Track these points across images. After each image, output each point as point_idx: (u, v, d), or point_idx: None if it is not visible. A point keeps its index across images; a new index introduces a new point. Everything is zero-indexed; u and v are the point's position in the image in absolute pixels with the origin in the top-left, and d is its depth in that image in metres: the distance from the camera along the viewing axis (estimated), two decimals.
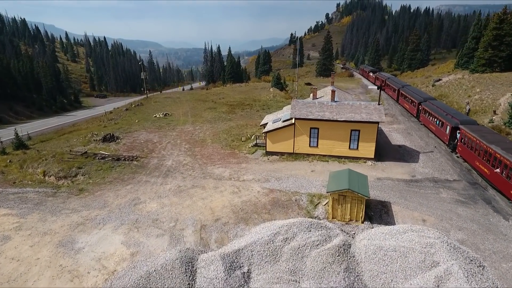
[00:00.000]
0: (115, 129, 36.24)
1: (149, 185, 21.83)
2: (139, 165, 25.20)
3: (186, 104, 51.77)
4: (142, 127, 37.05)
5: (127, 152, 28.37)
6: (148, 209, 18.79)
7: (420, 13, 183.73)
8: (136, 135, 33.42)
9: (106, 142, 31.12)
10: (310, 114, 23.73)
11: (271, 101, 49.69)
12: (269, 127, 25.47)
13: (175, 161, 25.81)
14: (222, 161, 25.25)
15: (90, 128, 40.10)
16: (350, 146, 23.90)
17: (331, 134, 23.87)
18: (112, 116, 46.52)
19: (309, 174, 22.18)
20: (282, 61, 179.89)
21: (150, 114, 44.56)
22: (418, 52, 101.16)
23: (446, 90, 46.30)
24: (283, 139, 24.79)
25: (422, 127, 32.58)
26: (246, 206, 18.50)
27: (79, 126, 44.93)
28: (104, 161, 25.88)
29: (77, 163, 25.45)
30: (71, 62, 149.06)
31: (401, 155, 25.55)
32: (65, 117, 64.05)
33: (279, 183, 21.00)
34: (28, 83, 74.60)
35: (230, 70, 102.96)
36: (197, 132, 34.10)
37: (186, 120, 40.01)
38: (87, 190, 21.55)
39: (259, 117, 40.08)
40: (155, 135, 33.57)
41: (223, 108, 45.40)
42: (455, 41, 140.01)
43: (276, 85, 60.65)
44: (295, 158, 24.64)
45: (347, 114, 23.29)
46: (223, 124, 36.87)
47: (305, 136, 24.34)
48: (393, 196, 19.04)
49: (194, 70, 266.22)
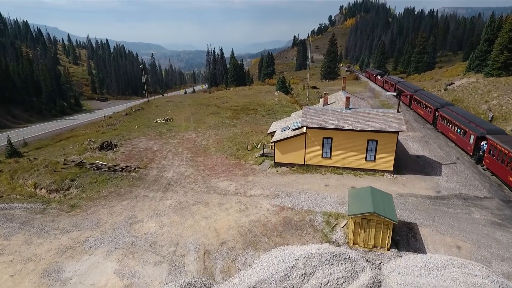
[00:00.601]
0: (113, 136, 34.44)
1: (148, 200, 19.93)
2: (137, 177, 23.31)
3: (188, 108, 49.97)
4: (142, 134, 35.23)
5: (125, 162, 26.51)
6: (145, 229, 16.87)
7: (424, 15, 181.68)
8: (135, 143, 31.59)
9: (103, 150, 29.30)
10: (323, 122, 21.78)
11: (277, 106, 47.79)
12: (277, 136, 23.54)
13: (176, 173, 23.91)
14: (227, 173, 23.31)
15: (88, 134, 38.35)
16: (367, 157, 21.91)
17: (346, 145, 21.91)
18: (111, 121, 44.78)
19: (323, 189, 20.19)
20: (285, 64, 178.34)
21: (150, 119, 42.76)
22: (425, 54, 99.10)
23: (460, 94, 44.20)
24: (293, 149, 22.85)
25: (440, 135, 30.52)
26: (254, 227, 16.53)
27: (77, 131, 43.22)
28: (99, 172, 24.02)
29: (71, 175, 23.61)
30: (72, 65, 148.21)
31: (421, 167, 23.51)
32: (64, 121, 62.48)
33: (290, 200, 19.02)
34: (28, 86, 73.19)
35: (233, 73, 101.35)
36: (199, 140, 32.23)
37: (188, 126, 38.16)
38: (79, 206, 19.66)
39: (265, 123, 38.18)
40: (155, 142, 31.73)
41: (227, 113, 43.54)
42: (461, 44, 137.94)
43: (281, 89, 58.78)
44: (307, 170, 22.67)
45: (363, 123, 21.32)
46: (227, 131, 34.98)
47: (317, 147, 22.39)
48: (419, 216, 17.01)
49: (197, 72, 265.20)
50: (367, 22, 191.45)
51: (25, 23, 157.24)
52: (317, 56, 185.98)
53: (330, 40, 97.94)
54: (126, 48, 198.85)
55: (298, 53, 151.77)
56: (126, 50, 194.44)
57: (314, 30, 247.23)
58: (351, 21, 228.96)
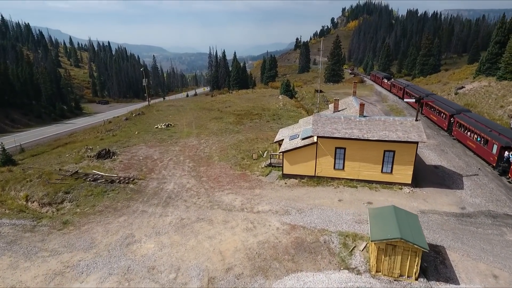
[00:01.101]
0: (112, 143, 33.00)
1: (146, 216, 18.38)
2: (135, 190, 21.79)
3: (190, 113, 48.53)
4: (142, 140, 33.76)
5: (123, 172, 25.01)
6: (143, 251, 15.32)
7: (427, 18, 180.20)
8: (135, 150, 30.09)
9: (100, 158, 27.82)
10: (336, 131, 20.20)
11: (281, 110, 46.27)
12: (286, 146, 21.98)
13: (177, 184, 22.36)
14: (231, 185, 21.75)
15: (86, 140, 36.94)
16: (383, 169, 20.30)
17: (360, 155, 20.31)
18: (110, 126, 43.37)
19: (337, 205, 18.58)
20: (287, 66, 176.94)
21: (151, 124, 41.31)
22: (431, 57, 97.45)
23: (472, 99, 42.52)
24: (303, 160, 21.27)
25: (456, 143, 28.85)
26: (263, 250, 14.94)
27: (75, 137, 41.86)
28: (96, 183, 22.51)
29: (65, 186, 22.11)
30: (74, 67, 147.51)
31: (441, 178, 21.86)
32: (63, 125, 61.21)
33: (301, 217, 17.42)
34: (27, 89, 72.10)
35: (236, 76, 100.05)
36: (202, 147, 30.71)
37: (190, 132, 36.67)
38: (72, 223, 18.14)
39: (270, 129, 36.65)
40: (156, 150, 30.23)
41: (230, 118, 42.03)
42: (465, 46, 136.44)
43: (286, 93, 57.28)
44: (318, 183, 21.08)
45: (379, 132, 19.73)
46: (230, 137, 33.46)
47: (329, 157, 20.81)
48: (446, 237, 15.36)
49: (198, 75, 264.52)
50: (370, 24, 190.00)
51: (26, 25, 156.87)
52: (320, 59, 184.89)
53: (334, 42, 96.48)
54: (128, 51, 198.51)
55: (301, 56, 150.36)
56: (128, 52, 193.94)
57: (316, 32, 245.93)
58: (354, 23, 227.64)
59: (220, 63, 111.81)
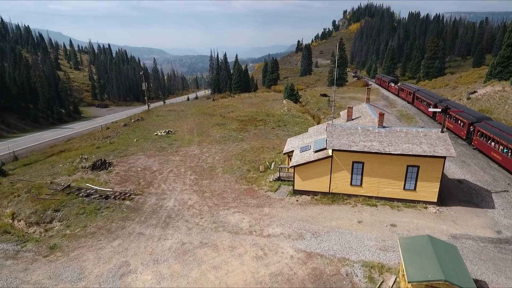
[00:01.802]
0: (109, 151, 31.11)
1: (143, 240, 16.43)
2: (132, 207, 19.85)
3: (192, 118, 46.67)
4: (140, 149, 31.86)
5: (119, 186, 23.09)
6: (139, 284, 13.37)
7: (429, 20, 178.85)
8: (133, 161, 28.18)
9: (96, 170, 25.91)
10: (353, 144, 18.29)
11: (287, 116, 44.38)
12: (297, 159, 20.06)
13: (178, 201, 20.43)
14: (237, 202, 19.80)
15: (81, 148, 35.05)
16: (406, 186, 18.36)
17: (381, 170, 18.38)
18: (108, 132, 41.49)
19: (356, 227, 16.62)
20: (289, 69, 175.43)
21: (150, 131, 39.44)
22: (436, 60, 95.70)
23: (487, 104, 40.60)
24: (316, 175, 19.35)
25: (477, 154, 26.91)
26: (277, 284, 12.98)
27: (71, 144, 39.98)
28: (89, 200, 20.59)
29: (55, 203, 20.19)
30: (74, 70, 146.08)
31: (467, 195, 19.90)
32: (61, 130, 59.44)
33: (318, 242, 15.46)
34: (25, 93, 70.38)
35: (238, 79, 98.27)
36: (204, 157, 28.79)
37: (192, 140, 34.78)
38: (60, 247, 16.19)
39: (276, 136, 34.75)
40: (155, 160, 28.32)
41: (233, 125, 40.14)
42: (469, 49, 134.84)
43: (290, 97, 55.44)
44: (333, 200, 19.13)
45: (402, 146, 17.81)
46: (234, 146, 31.55)
47: (345, 172, 18.88)
48: (487, 270, 13.39)
49: (199, 77, 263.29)
50: (372, 26, 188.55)
51: (26, 27, 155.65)
52: (322, 61, 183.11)
53: (338, 45, 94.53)
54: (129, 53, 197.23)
55: (302, 58, 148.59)
56: (128, 55, 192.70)
57: (318, 35, 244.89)
58: (356, 26, 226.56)
59: (221, 66, 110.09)
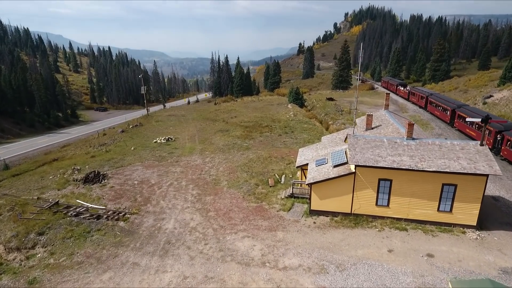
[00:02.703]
0: (104, 161, 28.79)
1: (138, 272, 14.05)
2: (126, 229, 17.48)
3: (193, 124, 44.35)
4: (138, 158, 29.52)
5: (113, 202, 20.74)
6: None
7: (432, 23, 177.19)
8: (129, 172, 25.82)
9: (88, 183, 23.57)
10: (380, 159, 15.95)
11: (293, 122, 42.06)
12: (314, 175, 17.69)
13: (178, 222, 18.06)
14: (247, 225, 17.42)
15: (75, 157, 32.73)
16: (440, 207, 16.00)
17: (411, 189, 16.03)
18: (105, 139, 39.18)
19: (387, 257, 14.23)
20: (291, 72, 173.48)
21: (149, 138, 37.12)
22: (443, 62, 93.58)
23: (506, 110, 38.29)
24: (336, 193, 17.00)
25: (507, 165, 24.56)
26: None
27: (65, 151, 37.66)
28: (78, 220, 18.22)
29: (40, 224, 17.83)
30: (73, 73, 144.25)
31: (508, 216, 17.51)
32: (57, 135, 57.18)
33: (344, 278, 13.08)
34: (21, 96, 68.24)
35: (239, 82, 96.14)
36: (207, 168, 26.43)
37: (193, 148, 32.45)
38: (41, 282, 13.81)
39: (283, 144, 32.41)
40: (154, 171, 25.97)
41: (238, 131, 37.80)
42: (474, 51, 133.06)
43: (295, 101, 53.14)
44: (356, 223, 16.75)
45: (437, 161, 15.46)
46: (239, 155, 29.21)
47: (370, 191, 16.53)
48: None
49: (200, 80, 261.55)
50: (374, 29, 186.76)
51: (25, 30, 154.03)
52: (324, 64, 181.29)
53: (343, 47, 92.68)
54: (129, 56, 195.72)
55: (305, 61, 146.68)
56: (129, 57, 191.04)
57: (319, 37, 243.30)
58: (358, 28, 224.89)
59: (222, 69, 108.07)
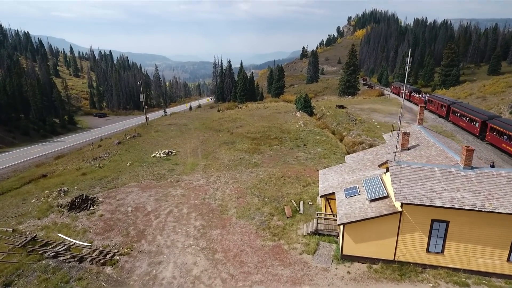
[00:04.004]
0: (95, 181, 25.51)
1: None
2: (113, 278, 14.11)
3: (195, 134, 41.07)
4: (134, 177, 26.21)
5: (101, 237, 17.39)
6: None
7: (436, 26, 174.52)
8: (122, 196, 22.49)
9: (74, 210, 20.28)
10: (434, 195, 12.58)
11: (304, 133, 38.71)
12: (346, 211, 14.29)
13: (178, 268, 14.68)
14: (263, 274, 14.01)
15: (65, 173, 29.49)
16: (511, 257, 12.59)
17: (473, 233, 12.66)
18: (99, 151, 35.92)
19: None
20: (294, 76, 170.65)
21: (147, 151, 33.85)
22: (454, 67, 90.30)
23: None
24: (375, 236, 13.62)
25: None
26: None
27: (56, 165, 34.40)
28: (55, 264, 14.89)
29: (9, 269, 14.51)
30: (73, 77, 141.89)
31: None
32: (51, 144, 54.04)
33: None
34: (16, 102, 65.36)
35: (243, 87, 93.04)
36: (212, 189, 23.08)
37: (196, 164, 29.14)
38: None
39: (297, 160, 29.03)
40: (151, 194, 22.64)
41: (244, 144, 34.48)
42: (483, 55, 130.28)
43: (304, 109, 49.85)
44: (402, 274, 13.33)
45: (509, 199, 12.07)
46: (248, 173, 25.86)
47: (420, 234, 13.15)
48: None
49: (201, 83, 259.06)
50: (379, 33, 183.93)
51: (26, 33, 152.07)
52: (328, 68, 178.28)
53: (350, 51, 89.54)
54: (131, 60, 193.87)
55: (309, 65, 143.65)
56: (130, 61, 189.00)
57: (322, 41, 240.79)
58: (362, 32, 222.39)
59: (225, 73, 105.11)
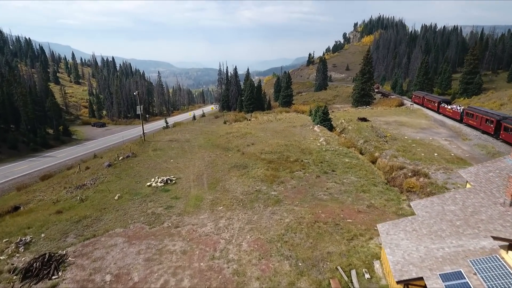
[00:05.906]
0: (71, 223, 19.62)
1: None
2: None
3: (200, 154, 35.18)
4: (120, 218, 20.28)
5: None
6: None
7: (446, 33, 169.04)
8: (101, 253, 16.50)
9: (29, 279, 14.33)
10: None
11: (328, 153, 32.65)
12: None
13: None
14: None
15: (39, 208, 23.67)
16: None
17: None
18: (85, 176, 30.09)
19: None
20: (301, 83, 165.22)
21: (142, 177, 27.96)
22: (476, 75, 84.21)
23: None
24: None
25: None
26: None
27: (33, 194, 28.62)
28: None
29: None
30: (73, 84, 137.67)
31: None
32: (40, 160, 48.57)
33: None
34: (6, 113, 60.31)
35: (250, 96, 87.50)
36: (223, 242, 17.05)
37: (201, 198, 23.15)
38: None
39: (328, 194, 22.90)
40: (140, 250, 16.65)
41: (259, 168, 28.47)
42: (501, 62, 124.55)
43: (323, 122, 43.92)
44: None
45: None
46: (269, 215, 19.81)
47: None
48: None
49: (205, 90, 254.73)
50: (388, 39, 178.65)
51: (27, 40, 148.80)
52: (336, 75, 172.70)
53: (365, 57, 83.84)
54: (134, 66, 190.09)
55: (317, 72, 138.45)
56: (134, 68, 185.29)
57: (329, 47, 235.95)
58: (369, 39, 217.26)
59: (231, 81, 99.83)
